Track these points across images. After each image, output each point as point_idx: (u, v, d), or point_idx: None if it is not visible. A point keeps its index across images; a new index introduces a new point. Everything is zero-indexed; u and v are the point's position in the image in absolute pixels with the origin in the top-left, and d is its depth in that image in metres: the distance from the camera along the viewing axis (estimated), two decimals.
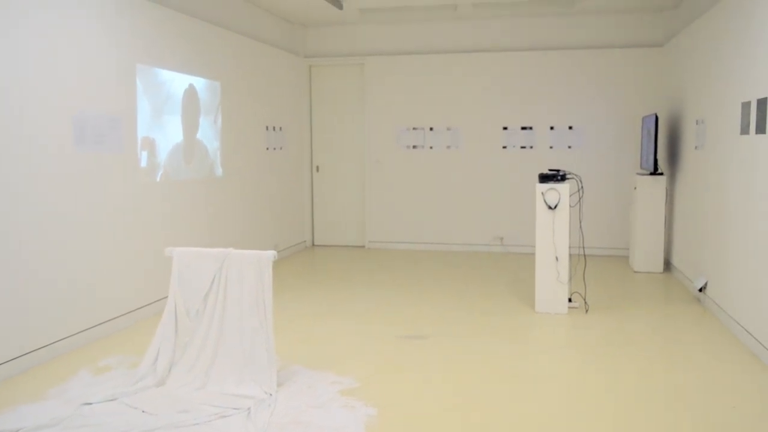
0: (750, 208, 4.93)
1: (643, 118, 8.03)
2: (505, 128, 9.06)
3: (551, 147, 8.94)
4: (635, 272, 7.69)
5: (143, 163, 5.73)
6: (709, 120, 6.13)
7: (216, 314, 4.13)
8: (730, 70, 5.52)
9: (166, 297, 4.47)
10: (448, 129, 9.23)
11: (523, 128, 9.01)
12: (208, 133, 6.84)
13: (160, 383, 4.04)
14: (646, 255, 7.66)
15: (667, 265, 7.82)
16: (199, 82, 6.63)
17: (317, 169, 9.74)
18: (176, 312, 4.18)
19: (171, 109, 6.16)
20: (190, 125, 6.50)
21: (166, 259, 4.33)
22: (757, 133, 4.77)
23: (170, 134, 6.15)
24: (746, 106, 5.02)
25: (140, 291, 5.69)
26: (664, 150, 8.24)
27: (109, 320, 5.29)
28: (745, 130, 5.05)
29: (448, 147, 9.25)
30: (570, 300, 6.00)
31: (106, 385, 4.10)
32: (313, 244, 9.85)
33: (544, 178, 5.89)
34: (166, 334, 4.18)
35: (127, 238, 5.50)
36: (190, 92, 6.47)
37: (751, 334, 4.84)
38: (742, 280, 5.09)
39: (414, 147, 9.35)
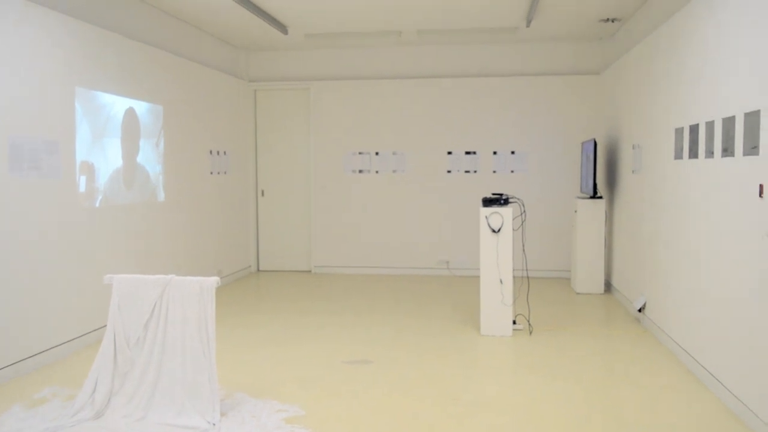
0: (683, 230, 5.10)
1: (583, 143, 8.25)
2: (449, 153, 9.18)
3: (494, 171, 9.09)
4: (577, 293, 7.84)
5: (82, 188, 5.58)
6: (645, 145, 6.34)
7: (157, 343, 4.03)
8: (664, 97, 5.73)
9: (105, 326, 4.34)
10: (394, 153, 9.30)
11: (467, 153, 9.14)
12: (150, 157, 6.73)
13: (98, 415, 3.91)
14: (587, 277, 7.83)
15: (608, 286, 8.01)
16: (141, 106, 6.53)
17: (262, 194, 9.66)
18: (115, 341, 4.06)
19: (111, 132, 6.04)
20: (131, 149, 6.38)
21: (105, 286, 4.21)
22: (690, 157, 4.96)
23: (110, 158, 6.02)
24: (679, 131, 5.22)
25: (78, 320, 5.51)
26: (602, 174, 8.47)
27: (45, 351, 5.10)
28: (678, 154, 5.24)
29: (394, 171, 9.31)
30: (514, 322, 6.07)
31: (41, 419, 3.94)
32: (258, 270, 9.73)
33: (488, 202, 5.98)
34: (105, 363, 4.05)
35: (64, 265, 5.33)
36: (131, 116, 6.36)
37: (687, 352, 4.98)
38: (678, 300, 5.25)
39: (360, 171, 9.38)
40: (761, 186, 3.71)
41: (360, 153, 9.36)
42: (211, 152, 8.21)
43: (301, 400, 4.31)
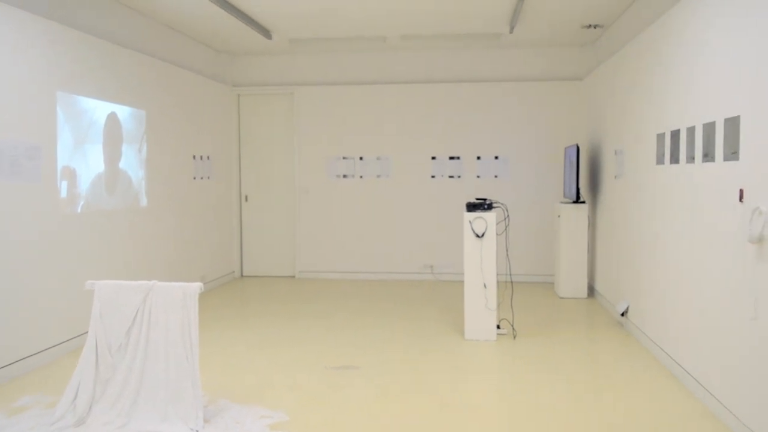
0: (665, 234, 5.15)
1: (566, 149, 8.30)
2: (433, 158, 9.21)
3: (478, 176, 9.13)
4: (561, 298, 7.88)
5: (63, 194, 5.53)
6: (627, 150, 6.39)
7: (139, 349, 4.00)
8: (645, 102, 5.79)
9: (87, 332, 4.30)
10: (378, 158, 9.30)
11: (451, 158, 9.17)
12: (132, 163, 6.68)
13: (79, 422, 3.87)
14: (571, 281, 7.87)
15: (591, 290, 8.06)
16: (124, 110, 6.49)
17: (246, 199, 9.63)
18: (97, 347, 4.03)
19: (93, 138, 5.99)
20: (113, 154, 6.34)
21: (87, 292, 4.18)
22: (671, 163, 5.00)
23: (92, 163, 5.98)
24: (661, 137, 5.27)
25: (59, 326, 5.45)
26: (585, 179, 8.53)
27: (25, 358, 5.04)
28: (660, 160, 5.29)
29: (378, 176, 9.32)
30: (498, 327, 6.09)
31: (21, 427, 3.89)
32: (242, 275, 9.69)
33: (472, 207, 6.00)
34: (87, 370, 4.01)
35: (45, 271, 5.28)
36: (113, 120, 6.32)
37: (669, 355, 5.02)
38: (659, 304, 5.29)
39: (344, 176, 9.37)
40: (741, 191, 3.75)
41: (344, 158, 9.36)
42: (194, 157, 8.17)
43: (285, 405, 4.29)
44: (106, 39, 6.18)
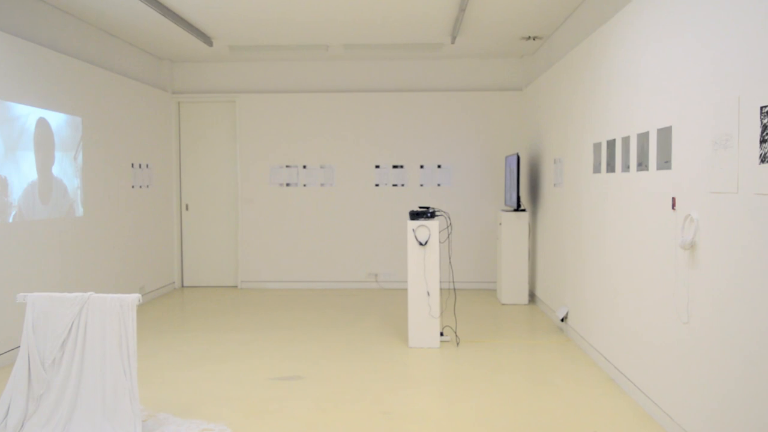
0: (602, 241, 5.28)
1: (507, 158, 8.44)
2: (377, 166, 9.23)
3: (421, 185, 9.19)
4: (503, 304, 7.99)
5: None
6: (566, 159, 6.54)
7: (75, 363, 3.87)
8: (582, 113, 5.94)
9: (19, 346, 4.14)
10: (322, 167, 9.28)
11: (395, 167, 9.22)
12: (67, 171, 6.48)
13: None
14: (512, 288, 7.99)
15: (532, 296, 8.20)
16: (59, 117, 6.29)
17: (186, 208, 9.46)
18: (30, 362, 3.88)
19: (25, 145, 5.79)
20: (45, 162, 6.14)
21: (19, 305, 4.03)
22: (607, 171, 5.14)
23: (25, 172, 5.78)
24: (597, 146, 5.41)
25: None
26: (526, 187, 8.69)
27: None
28: (597, 168, 5.43)
29: (322, 185, 9.29)
30: (442, 334, 6.13)
31: None
32: (183, 286, 9.50)
33: (415, 215, 6.04)
34: (19, 386, 3.86)
35: None
36: (43, 126, 6.12)
37: (608, 359, 5.14)
38: (597, 309, 5.42)
39: (287, 185, 9.31)
40: (674, 199, 3.88)
41: (287, 166, 9.30)
42: (132, 165, 7.98)
43: (227, 418, 4.22)
44: (38, 43, 6.00)
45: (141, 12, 6.54)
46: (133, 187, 7.99)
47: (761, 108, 2.94)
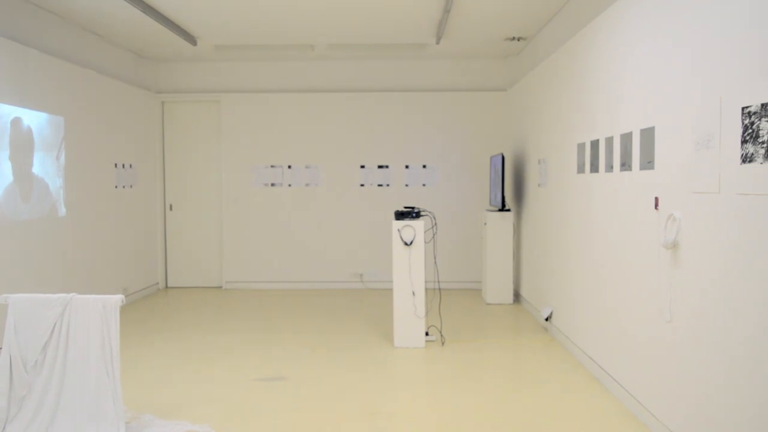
0: (586, 241, 5.31)
1: (491, 158, 8.47)
2: (362, 166, 9.23)
3: (407, 185, 9.20)
4: (487, 304, 8.02)
5: None
6: (550, 159, 6.58)
7: (57, 365, 3.84)
8: (566, 113, 5.97)
9: (0, 348, 4.10)
10: (307, 167, 9.26)
11: (380, 167, 9.22)
12: (49, 171, 6.42)
13: None
14: (497, 287, 8.02)
15: (517, 296, 8.23)
16: (40, 116, 6.23)
17: (170, 208, 9.40)
18: (11, 364, 3.84)
19: (4, 144, 5.73)
20: (25, 162, 6.08)
21: (1, 306, 3.99)
22: (591, 171, 5.17)
23: (4, 171, 5.72)
24: (581, 147, 5.44)
25: None
26: (511, 187, 8.72)
27: None
28: (581, 169, 5.46)
29: (307, 185, 9.27)
30: (427, 334, 6.14)
31: None
32: (167, 287, 9.45)
33: (400, 215, 6.04)
34: (0, 388, 3.82)
35: None
36: (20, 126, 6.06)
37: (592, 358, 5.18)
38: (582, 309, 5.45)
39: (272, 185, 9.28)
40: (656, 199, 3.92)
41: (272, 166, 9.27)
42: (116, 165, 7.92)
43: (212, 419, 4.20)
44: (20, 42, 5.93)
45: (124, 10, 6.48)
46: (116, 187, 7.93)
47: (743, 109, 2.97)
